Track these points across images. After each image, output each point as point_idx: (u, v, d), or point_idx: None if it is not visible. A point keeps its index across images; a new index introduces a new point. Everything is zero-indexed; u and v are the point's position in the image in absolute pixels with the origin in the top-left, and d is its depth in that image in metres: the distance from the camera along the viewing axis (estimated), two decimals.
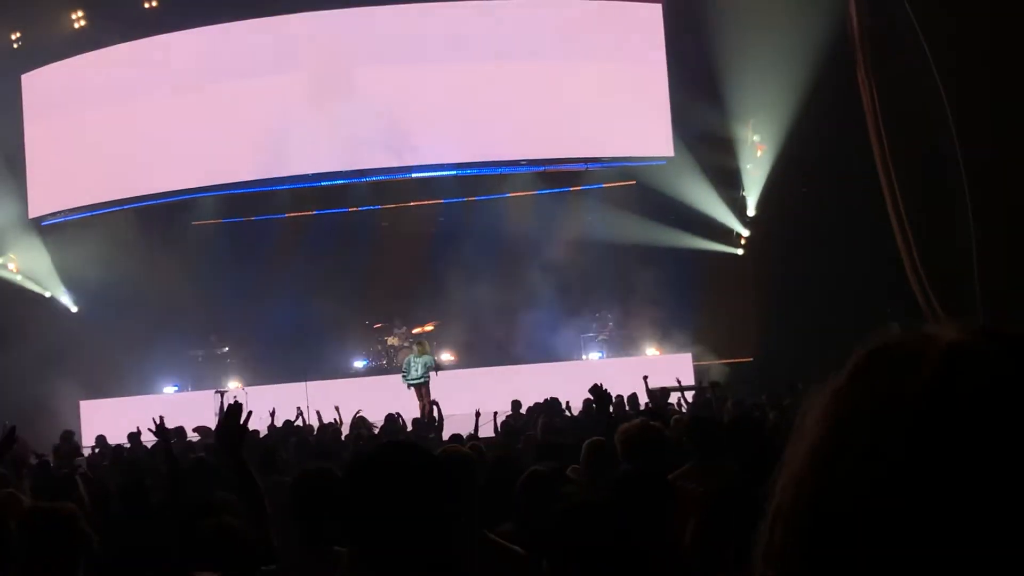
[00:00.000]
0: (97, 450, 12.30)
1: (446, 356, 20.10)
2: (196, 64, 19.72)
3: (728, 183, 19.09)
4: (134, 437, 11.96)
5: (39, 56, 20.10)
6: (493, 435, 10.52)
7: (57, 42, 19.88)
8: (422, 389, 16.19)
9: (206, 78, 19.73)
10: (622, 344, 19.27)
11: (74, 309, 20.60)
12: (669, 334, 18.51)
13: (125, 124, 19.89)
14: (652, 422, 4.94)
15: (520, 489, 4.10)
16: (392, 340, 20.04)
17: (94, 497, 5.98)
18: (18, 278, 20.16)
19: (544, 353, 18.81)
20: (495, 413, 11.99)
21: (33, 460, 9.41)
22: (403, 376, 16.57)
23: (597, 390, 6.31)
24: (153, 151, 19.72)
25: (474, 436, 9.57)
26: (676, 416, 9.30)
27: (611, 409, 11.13)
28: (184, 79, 19.79)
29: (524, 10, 19.37)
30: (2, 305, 18.19)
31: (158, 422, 6.36)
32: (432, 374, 16.39)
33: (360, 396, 16.12)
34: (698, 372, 17.53)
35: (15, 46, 19.90)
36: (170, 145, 19.65)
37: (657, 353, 18.79)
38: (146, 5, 19.45)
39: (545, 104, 19.02)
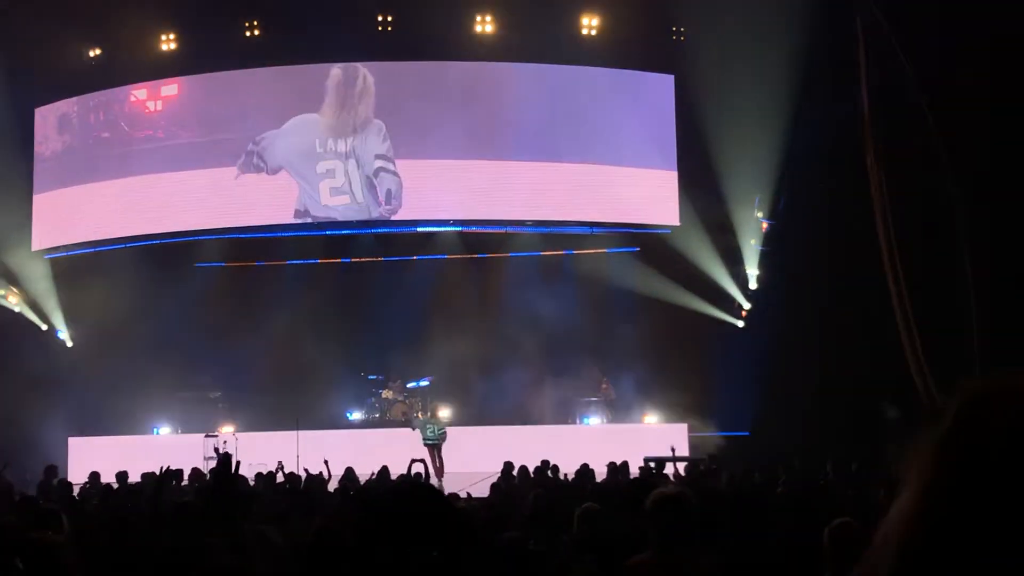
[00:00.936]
0: (89, 486, 12.13)
1: (442, 413, 19.97)
2: (205, 108, 19.89)
3: (731, 255, 19.12)
4: (122, 476, 11.84)
5: (53, 90, 20.26)
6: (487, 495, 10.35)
7: (71, 77, 20.05)
8: (436, 450, 16.15)
9: (215, 122, 19.87)
10: (617, 410, 19.11)
11: (69, 344, 20.52)
12: (666, 403, 18.38)
13: (134, 162, 20.00)
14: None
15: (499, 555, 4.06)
16: (387, 393, 19.90)
17: (80, 532, 5.87)
18: (16, 309, 20.10)
19: (538, 415, 18.69)
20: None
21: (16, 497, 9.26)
22: (427, 436, 16.44)
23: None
24: (160, 191, 19.80)
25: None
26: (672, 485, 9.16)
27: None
28: (193, 121, 19.94)
29: (534, 73, 19.53)
30: None
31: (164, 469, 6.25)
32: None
33: (351, 448, 15.99)
34: (693, 443, 17.39)
35: (30, 80, 20.07)
36: (177, 186, 19.72)
37: (653, 421, 18.65)
38: (163, 47, 19.64)
39: (553, 166, 19.12)
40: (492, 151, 19.29)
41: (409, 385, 20.01)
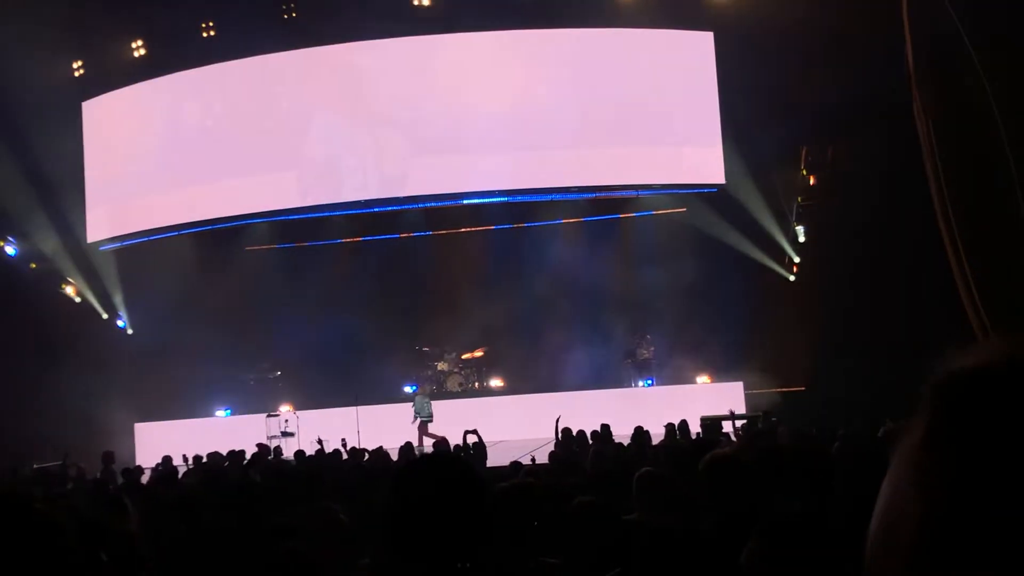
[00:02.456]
0: (161, 468, 12.46)
1: (495, 382, 20.15)
2: (251, 92, 20.05)
3: (779, 210, 18.94)
4: (197, 459, 12.16)
5: (99, 84, 20.56)
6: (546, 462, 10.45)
7: (117, 70, 20.33)
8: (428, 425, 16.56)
9: (261, 106, 20.04)
10: (672, 370, 19.09)
11: (130, 331, 20.94)
12: (720, 362, 18.32)
13: (182, 150, 20.27)
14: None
15: (570, 521, 4.04)
16: (442, 365, 20.11)
17: (146, 516, 6.03)
18: (76, 300, 20.54)
19: (592, 380, 18.72)
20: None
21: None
22: (419, 413, 16.74)
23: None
24: (209, 177, 20.07)
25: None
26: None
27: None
28: (239, 106, 20.14)
29: (576, 36, 19.40)
30: (60, 327, 18.49)
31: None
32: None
33: (408, 422, 16.21)
34: (750, 401, 17.35)
35: (77, 74, 20.39)
36: (226, 171, 19.97)
37: (708, 381, 18.63)
38: (204, 35, 19.80)
39: (597, 131, 19.03)
40: (534, 118, 19.23)
41: (464, 357, 20.17)
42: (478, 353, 20.29)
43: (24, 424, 15.55)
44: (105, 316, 20.80)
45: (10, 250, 19.62)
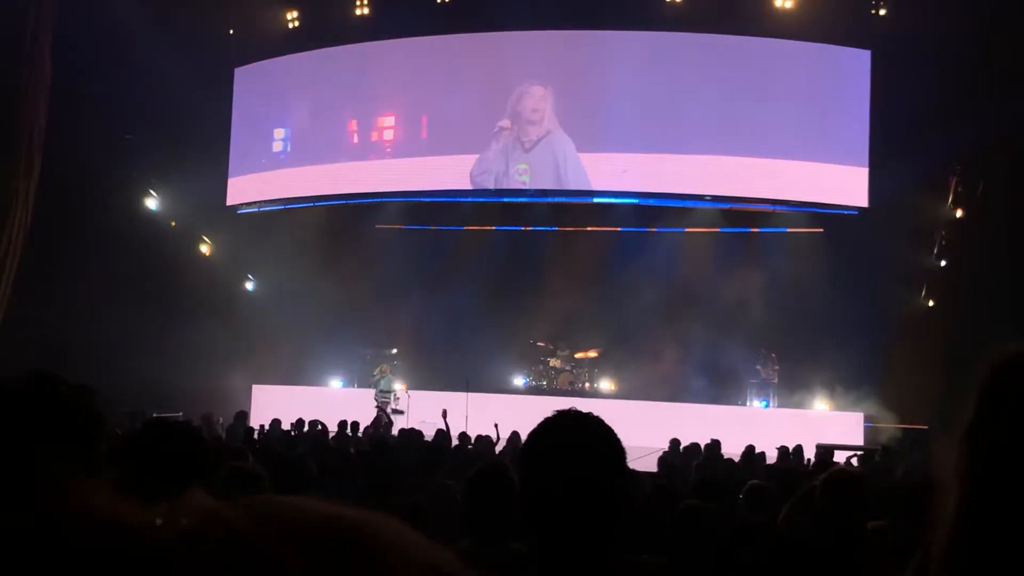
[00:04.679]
0: (269, 430, 12.77)
1: (605, 384, 19.97)
2: (398, 73, 20.32)
3: (921, 241, 18.23)
4: (314, 424, 12.41)
5: (252, 52, 21.17)
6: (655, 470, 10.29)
7: (270, 40, 20.89)
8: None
9: (407, 87, 20.32)
10: (789, 394, 18.58)
11: (256, 297, 21.48)
12: (842, 390, 17.71)
13: (325, 123, 20.73)
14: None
15: (675, 523, 3.99)
16: (554, 362, 20.02)
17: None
18: (209, 261, 21.12)
19: (706, 395, 18.38)
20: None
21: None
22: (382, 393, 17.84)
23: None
24: (347, 153, 20.47)
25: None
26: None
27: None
28: (385, 86, 20.45)
29: (724, 44, 19.05)
30: (191, 287, 19.08)
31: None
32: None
33: (517, 413, 16.17)
34: (868, 433, 16.76)
35: (231, 40, 21.03)
36: (364, 148, 20.33)
37: (826, 408, 18.06)
38: (357, 12, 20.16)
39: (737, 140, 18.67)
40: (673, 124, 18.98)
41: (577, 356, 20.06)
42: (592, 353, 20.14)
43: (148, 374, 16.09)
44: (234, 280, 21.35)
45: (153, 205, 20.32)
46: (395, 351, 20.36)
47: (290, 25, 20.86)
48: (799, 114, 18.61)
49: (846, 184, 18.49)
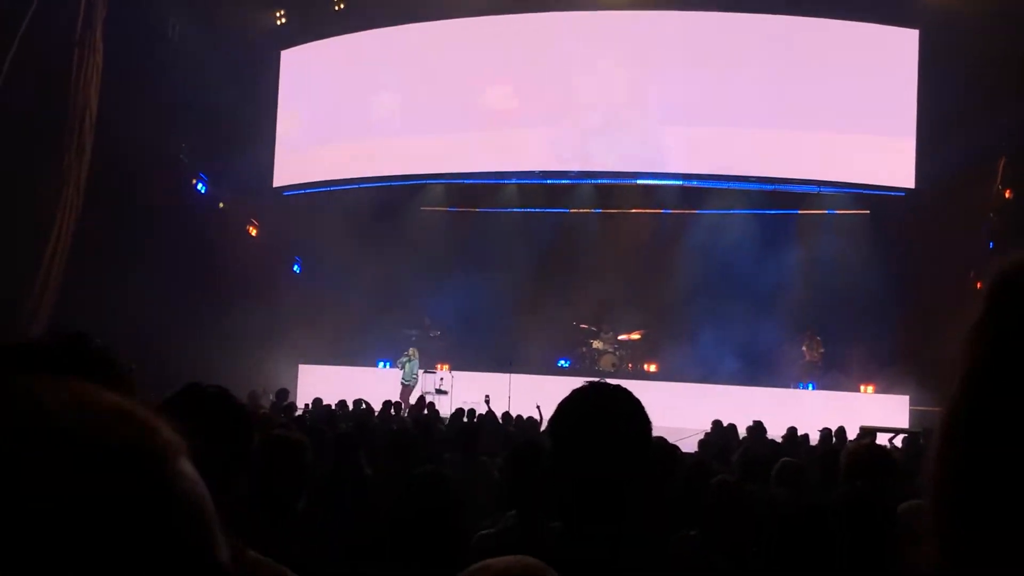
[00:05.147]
0: (311, 408, 12.96)
1: (649, 366, 19.95)
2: (444, 55, 20.39)
3: (969, 223, 17.96)
4: (358, 403, 12.58)
5: (299, 34, 21.34)
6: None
7: (317, 23, 21.02)
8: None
9: (452, 69, 20.38)
10: (833, 376, 18.42)
11: (302, 278, 21.71)
12: (887, 373, 17.54)
13: (371, 106, 20.87)
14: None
15: (709, 496, 4.05)
16: (598, 344, 20.01)
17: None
18: (257, 243, 21.37)
19: (750, 377, 18.28)
20: None
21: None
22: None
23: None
24: (393, 135, 20.59)
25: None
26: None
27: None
28: (431, 68, 20.52)
29: (771, 23, 18.88)
30: (239, 269, 19.31)
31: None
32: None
33: (559, 395, 16.18)
34: (914, 416, 16.60)
35: (278, 23, 21.21)
36: (409, 130, 20.44)
37: (871, 391, 17.90)
38: None
39: (782, 120, 18.53)
40: (718, 104, 18.86)
41: (620, 337, 20.04)
42: (635, 335, 20.12)
43: (196, 354, 16.34)
44: (280, 260, 21.57)
45: (201, 188, 20.60)
46: (439, 333, 20.48)
47: (336, 8, 20.97)
48: (847, 93, 18.40)
49: (892, 165, 18.29)
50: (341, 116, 21.18)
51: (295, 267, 21.96)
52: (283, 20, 21.29)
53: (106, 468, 0.60)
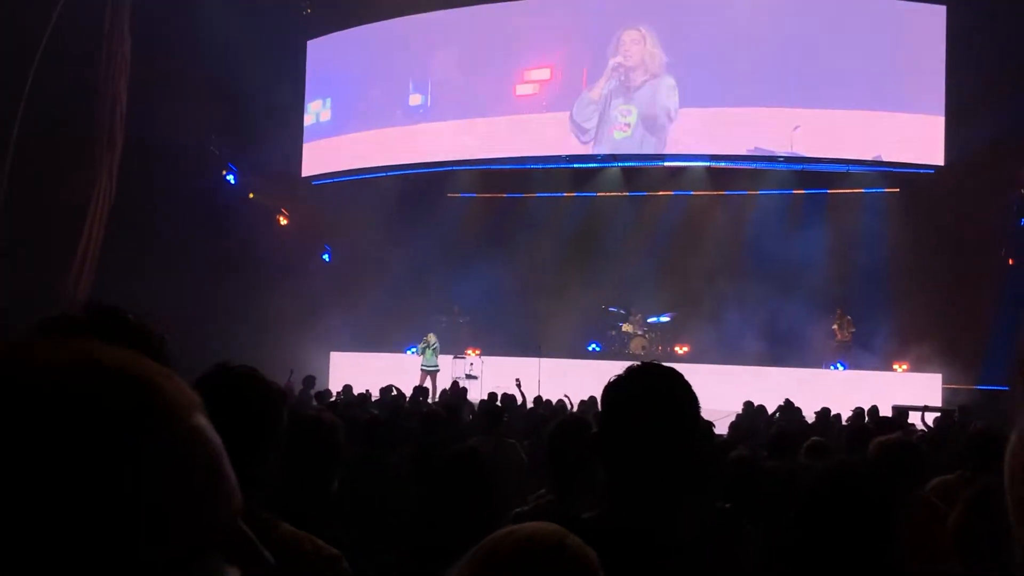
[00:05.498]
0: (342, 396, 13.05)
1: (679, 348, 19.90)
2: (468, 41, 20.40)
3: (1000, 197, 17.77)
4: (385, 391, 12.66)
5: (325, 24, 21.41)
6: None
7: (342, 12, 21.08)
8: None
9: (476, 55, 20.39)
10: (865, 356, 18.31)
11: (332, 266, 21.83)
12: (920, 352, 17.41)
13: (396, 94, 20.91)
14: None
15: (729, 470, 4.15)
16: (627, 327, 19.97)
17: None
18: (287, 232, 21.51)
19: (781, 358, 18.21)
20: None
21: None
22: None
23: None
24: (420, 122, 20.64)
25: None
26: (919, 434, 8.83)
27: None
28: (455, 54, 20.54)
29: (798, 0, 18.74)
30: (270, 258, 19.45)
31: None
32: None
33: (591, 379, 16.19)
34: (946, 395, 16.49)
35: (305, 13, 21.29)
36: (436, 116, 20.48)
37: (904, 370, 17.77)
38: None
39: (809, 99, 18.38)
40: (745, 83, 18.73)
41: (650, 320, 20.01)
42: (664, 318, 20.08)
43: (229, 342, 16.48)
44: (310, 249, 21.69)
45: (231, 179, 20.77)
46: (468, 318, 20.55)
47: None
48: (875, 71, 18.21)
49: (921, 142, 18.09)
50: (367, 105, 21.24)
51: (325, 255, 22.08)
52: (309, 10, 21.35)
53: (103, 426, 0.63)
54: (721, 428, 10.54)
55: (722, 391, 14.72)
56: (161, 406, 0.67)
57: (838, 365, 18.32)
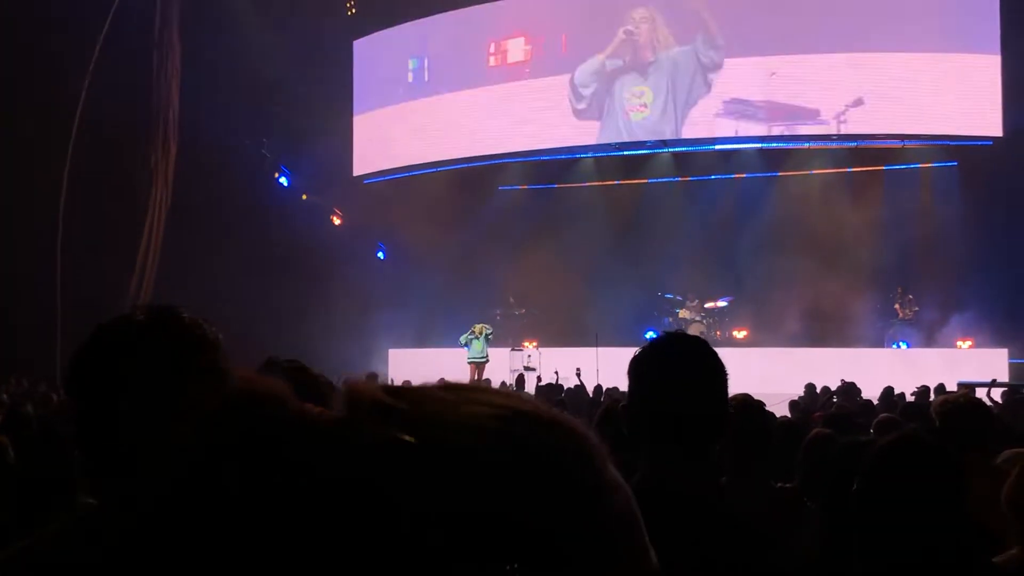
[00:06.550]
0: None
1: (738, 333, 19.70)
2: (513, 30, 20.42)
3: None
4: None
5: (370, 23, 21.53)
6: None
7: (387, 10, 21.18)
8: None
9: (525, 49, 20.39)
10: (929, 334, 17.97)
11: (387, 263, 21.95)
12: (985, 327, 17.04)
13: (445, 90, 20.99)
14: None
15: (803, 449, 4.10)
16: (684, 313, 19.78)
17: None
18: (341, 231, 21.65)
19: (842, 338, 17.93)
20: None
21: None
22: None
23: None
24: (468, 117, 20.68)
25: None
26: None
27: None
28: (499, 46, 20.55)
29: None
30: (325, 258, 19.62)
31: None
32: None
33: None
34: (1014, 370, 16.14)
35: (350, 13, 21.43)
36: (484, 111, 20.51)
37: (969, 346, 17.41)
38: None
39: (862, 74, 18.09)
40: (794, 45, 18.50)
41: (707, 305, 19.83)
42: (721, 303, 19.89)
43: (289, 343, 16.64)
44: (364, 248, 21.84)
45: (284, 181, 20.99)
46: (524, 310, 20.56)
47: None
48: (928, 41, 17.91)
49: (978, 114, 17.70)
50: (414, 102, 21.31)
51: (379, 253, 22.20)
52: (354, 11, 21.48)
53: (560, 472, 0.62)
54: (783, 410, 10.44)
55: (782, 373, 14.59)
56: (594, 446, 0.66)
57: (901, 344, 18.01)
